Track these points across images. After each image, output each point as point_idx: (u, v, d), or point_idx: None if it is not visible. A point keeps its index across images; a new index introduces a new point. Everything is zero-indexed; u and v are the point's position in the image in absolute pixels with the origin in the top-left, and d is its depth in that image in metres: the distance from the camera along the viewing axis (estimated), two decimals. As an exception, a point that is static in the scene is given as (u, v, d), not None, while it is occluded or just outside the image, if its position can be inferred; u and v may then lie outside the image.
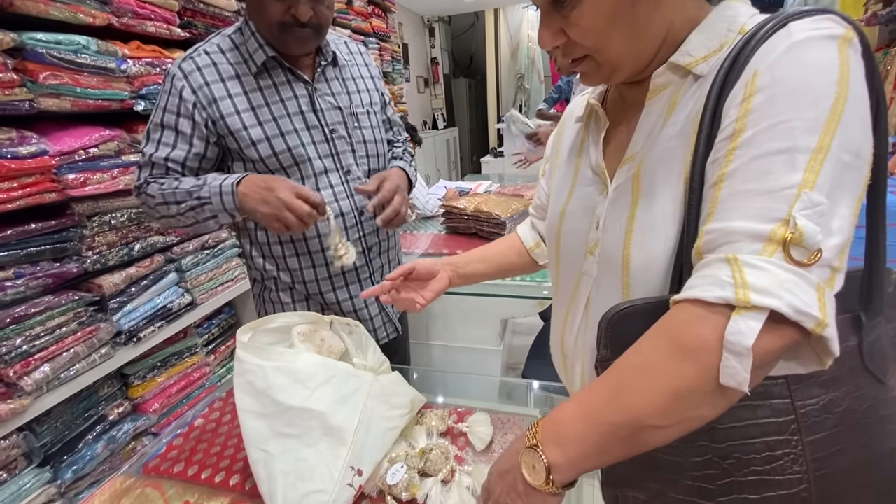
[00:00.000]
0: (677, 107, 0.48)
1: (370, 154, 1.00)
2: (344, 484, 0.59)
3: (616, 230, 0.52)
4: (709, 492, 0.45)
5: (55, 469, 1.22)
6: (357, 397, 0.65)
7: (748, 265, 0.36)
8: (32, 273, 1.15)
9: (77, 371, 1.23)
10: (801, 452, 0.43)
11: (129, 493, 0.69)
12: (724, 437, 0.44)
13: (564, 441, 0.43)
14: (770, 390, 0.43)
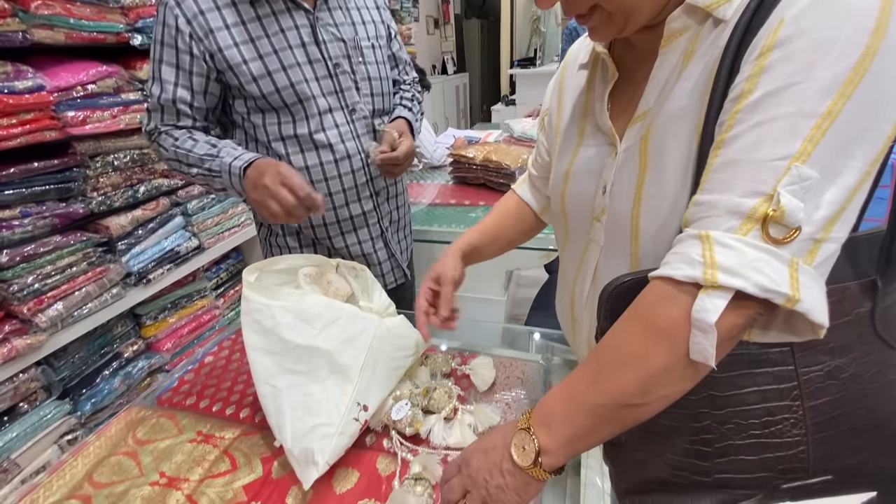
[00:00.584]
0: (694, 57, 0.42)
1: (375, 93, 0.96)
2: (350, 418, 0.61)
3: (624, 197, 0.49)
4: (705, 454, 0.45)
5: (75, 401, 1.28)
6: (363, 338, 0.65)
7: (719, 244, 0.36)
8: (39, 212, 1.15)
9: (90, 310, 1.26)
10: (801, 417, 0.43)
11: (144, 422, 0.72)
12: (724, 404, 0.44)
13: (553, 424, 0.44)
14: (772, 357, 0.43)
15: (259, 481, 0.61)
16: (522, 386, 0.75)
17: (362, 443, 0.66)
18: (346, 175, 0.92)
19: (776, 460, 0.43)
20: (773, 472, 0.44)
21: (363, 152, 0.93)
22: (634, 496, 0.51)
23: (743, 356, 0.43)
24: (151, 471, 0.64)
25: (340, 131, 0.90)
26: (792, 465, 0.43)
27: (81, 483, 0.62)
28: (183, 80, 0.82)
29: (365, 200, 0.96)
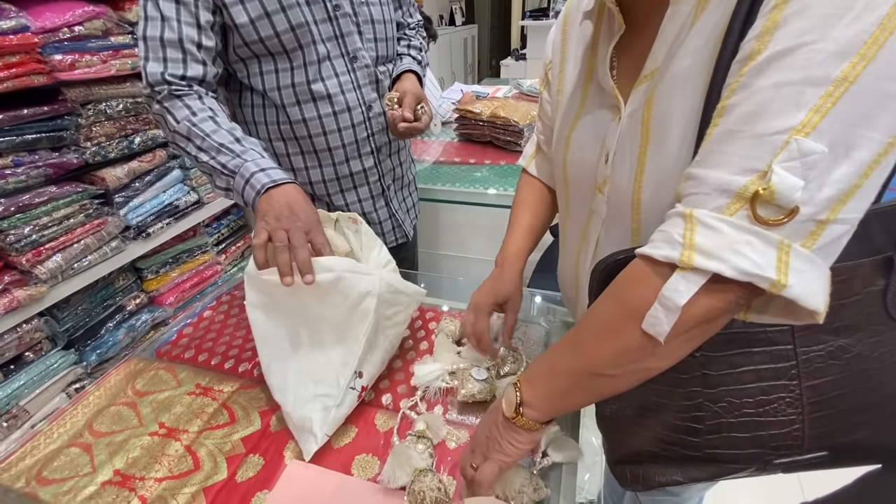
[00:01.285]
0: (707, 7, 0.38)
1: (378, 37, 0.89)
2: (348, 388, 0.61)
3: (626, 168, 0.46)
4: (696, 430, 0.45)
5: (80, 352, 1.29)
6: (366, 303, 0.62)
7: (702, 224, 0.34)
8: (32, 162, 1.12)
9: (90, 262, 1.25)
10: (797, 396, 0.42)
11: (143, 373, 0.72)
12: (718, 382, 0.43)
13: (535, 382, 0.46)
14: (771, 336, 0.41)
15: (257, 434, 0.61)
16: (524, 346, 0.74)
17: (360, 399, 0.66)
18: (345, 129, 0.87)
19: (769, 438, 0.43)
20: (766, 448, 0.43)
21: (364, 105, 0.88)
22: (625, 466, 0.52)
23: (740, 335, 0.41)
24: (151, 421, 0.64)
25: (340, 81, 0.84)
26: (785, 443, 0.43)
27: (82, 431, 0.63)
28: (187, 17, 0.72)
29: (365, 157, 0.92)
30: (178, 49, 0.72)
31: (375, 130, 0.91)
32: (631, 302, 0.38)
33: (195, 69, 0.74)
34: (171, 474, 0.56)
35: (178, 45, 0.72)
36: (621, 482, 0.52)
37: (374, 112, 0.90)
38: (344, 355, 0.62)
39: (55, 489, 0.55)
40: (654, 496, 0.76)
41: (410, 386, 0.67)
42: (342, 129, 0.87)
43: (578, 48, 0.53)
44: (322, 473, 0.56)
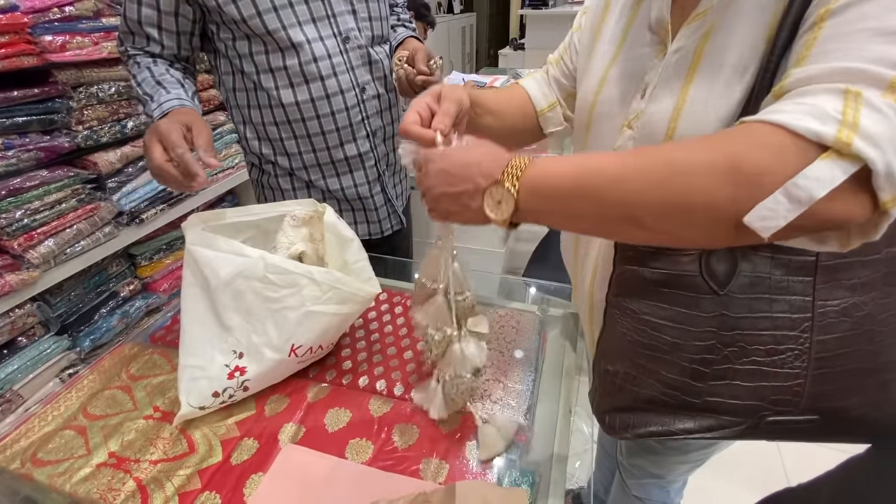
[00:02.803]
0: None
1: (373, 16, 0.87)
2: (222, 364, 0.60)
3: (666, 100, 0.45)
4: (702, 374, 0.44)
5: (74, 338, 1.29)
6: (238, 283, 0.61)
7: (869, 105, 0.29)
8: (23, 145, 1.11)
9: (83, 248, 1.24)
10: (806, 350, 0.42)
11: (137, 358, 0.72)
12: (734, 325, 0.42)
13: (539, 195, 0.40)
14: (793, 286, 0.41)
15: (252, 418, 0.62)
16: (517, 335, 0.75)
17: (355, 384, 0.66)
18: (339, 113, 0.86)
19: (771, 390, 0.43)
20: (765, 402, 0.44)
21: (358, 87, 0.87)
22: (615, 414, 0.50)
23: (765, 280, 0.42)
24: (146, 405, 0.64)
25: (333, 62, 0.83)
26: (784, 398, 0.43)
27: (76, 414, 0.63)
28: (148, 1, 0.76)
29: (361, 141, 0.91)
30: (139, 30, 0.78)
31: (370, 113, 0.91)
32: (745, 165, 0.31)
33: (153, 47, 0.80)
34: (165, 457, 0.57)
35: (139, 26, 0.78)
36: (609, 430, 0.51)
37: (367, 94, 0.89)
38: (218, 332, 0.62)
39: (50, 470, 0.55)
40: (640, 479, 0.77)
41: (405, 372, 0.68)
42: (335, 113, 0.86)
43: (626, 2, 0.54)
44: (316, 457, 0.56)
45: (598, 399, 0.53)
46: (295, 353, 0.62)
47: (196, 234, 0.63)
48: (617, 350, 0.49)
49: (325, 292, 0.61)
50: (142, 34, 0.78)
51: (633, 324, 0.47)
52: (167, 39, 0.80)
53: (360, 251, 0.69)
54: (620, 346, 0.48)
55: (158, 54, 0.81)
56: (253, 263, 0.60)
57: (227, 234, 0.70)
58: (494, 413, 0.61)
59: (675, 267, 0.44)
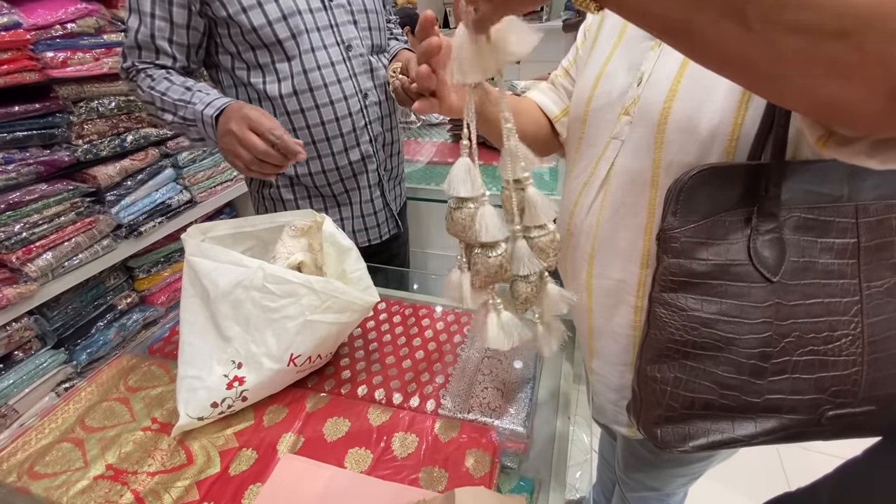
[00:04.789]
0: None
1: (372, 26, 0.91)
2: (221, 375, 0.61)
3: (662, 83, 0.47)
4: (761, 370, 0.43)
5: (70, 351, 1.28)
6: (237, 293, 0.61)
7: None
8: (23, 159, 1.11)
9: (81, 261, 1.25)
10: (859, 334, 0.42)
11: (135, 370, 0.72)
12: (788, 314, 0.42)
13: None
14: (842, 269, 0.42)
15: (250, 428, 0.62)
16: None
17: (354, 393, 0.66)
18: (343, 119, 0.89)
19: (831, 380, 0.43)
20: (826, 394, 0.43)
21: (360, 93, 0.90)
22: (667, 426, 0.47)
23: (814, 264, 0.42)
24: (143, 417, 0.64)
25: (336, 70, 0.86)
26: (845, 388, 0.43)
27: (73, 427, 0.63)
28: (161, 11, 0.76)
29: (364, 146, 0.93)
30: (149, 44, 0.79)
31: (372, 119, 0.93)
32: None
33: (164, 60, 0.81)
34: (163, 468, 0.56)
35: (150, 40, 0.78)
36: (662, 445, 0.47)
37: (370, 101, 0.92)
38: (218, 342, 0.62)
39: (47, 483, 0.55)
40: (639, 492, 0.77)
41: (404, 381, 0.68)
42: (340, 119, 0.89)
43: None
44: (315, 467, 0.56)
45: (643, 411, 0.50)
46: (294, 362, 0.62)
47: (195, 245, 0.63)
48: (665, 353, 0.46)
49: (324, 301, 0.61)
50: (152, 48, 0.79)
51: (682, 322, 0.44)
52: (178, 52, 0.81)
53: (359, 260, 0.69)
54: (669, 348, 0.46)
55: (170, 66, 0.81)
56: (252, 273, 0.61)
57: (227, 244, 0.70)
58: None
59: (725, 256, 0.43)
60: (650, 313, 0.48)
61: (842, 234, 0.42)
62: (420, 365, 0.71)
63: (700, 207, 0.42)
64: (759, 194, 0.42)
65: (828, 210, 0.42)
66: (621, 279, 0.56)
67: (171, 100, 0.77)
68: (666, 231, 0.44)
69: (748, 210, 0.43)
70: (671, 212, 0.44)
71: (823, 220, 0.42)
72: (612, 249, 0.55)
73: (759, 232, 0.41)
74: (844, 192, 0.42)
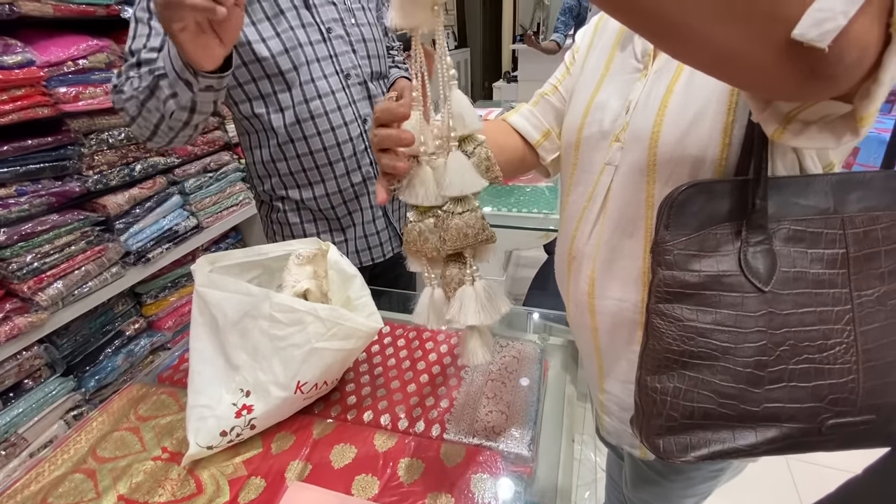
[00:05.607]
0: None
1: (371, 55, 0.95)
2: (229, 403, 0.62)
3: (649, 109, 0.50)
4: (758, 379, 0.44)
5: (79, 378, 1.30)
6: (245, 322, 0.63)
7: None
8: (35, 191, 1.15)
9: (90, 288, 1.27)
10: (852, 342, 0.43)
11: (145, 399, 0.73)
12: (782, 323, 0.43)
13: None
14: (832, 279, 0.43)
15: (259, 456, 0.62)
16: (519, 365, 0.76)
17: (360, 419, 0.67)
18: (344, 143, 0.92)
19: (828, 388, 0.43)
20: (824, 402, 0.43)
21: (360, 118, 0.93)
22: (669, 437, 0.48)
23: (805, 274, 0.43)
24: (154, 446, 0.65)
25: (336, 98, 0.90)
26: (842, 396, 0.43)
27: (85, 458, 0.64)
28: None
29: (365, 168, 0.97)
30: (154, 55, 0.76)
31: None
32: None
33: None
34: (174, 498, 0.57)
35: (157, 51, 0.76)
36: (665, 455, 0.48)
37: (369, 125, 0.96)
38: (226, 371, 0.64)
39: (60, 516, 0.56)
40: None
41: (409, 405, 0.69)
42: (341, 144, 0.92)
43: (611, 31, 0.60)
44: (323, 494, 0.57)
45: (644, 423, 0.50)
46: (301, 389, 0.63)
47: (204, 275, 0.65)
48: (664, 364, 0.47)
49: (330, 329, 0.63)
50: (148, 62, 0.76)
51: (679, 332, 0.45)
52: None
53: (363, 287, 0.71)
54: (667, 358, 0.46)
55: None
56: (259, 302, 0.62)
57: (235, 273, 0.72)
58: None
59: (717, 267, 0.44)
60: (648, 324, 0.48)
61: (830, 244, 0.43)
62: (425, 389, 0.72)
63: (691, 221, 0.44)
64: (746, 208, 0.44)
65: (815, 222, 0.44)
66: (622, 298, 0.57)
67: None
68: (659, 244, 0.46)
69: (738, 223, 0.44)
70: (664, 225, 0.45)
71: (812, 231, 0.44)
72: (613, 270, 0.57)
73: (749, 243, 0.42)
74: (830, 204, 0.44)
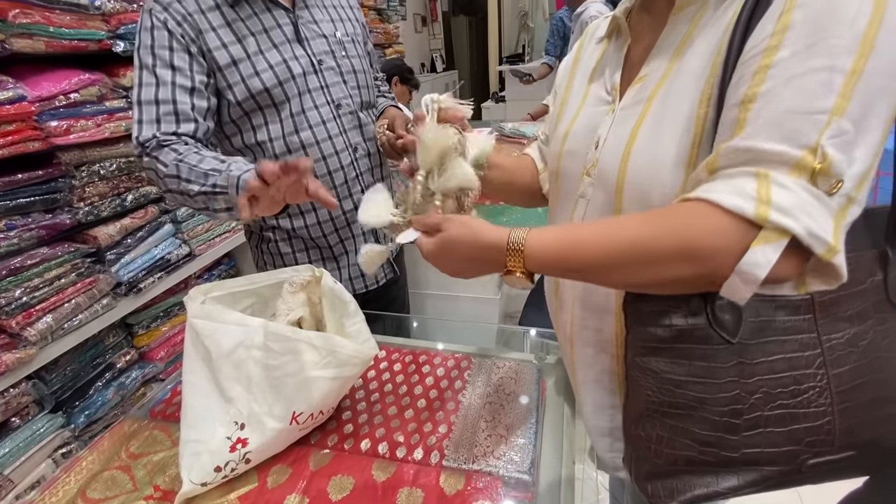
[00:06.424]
0: (700, 23, 0.47)
1: (360, 85, 0.97)
2: (224, 437, 0.60)
3: (615, 150, 0.52)
4: (735, 426, 0.44)
5: (68, 414, 1.26)
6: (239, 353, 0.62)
7: (776, 183, 0.37)
8: (25, 225, 1.14)
9: (80, 321, 1.25)
10: (825, 385, 0.43)
11: (137, 435, 0.72)
12: (753, 372, 0.43)
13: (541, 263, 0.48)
14: (798, 325, 0.43)
15: (254, 491, 0.61)
16: (516, 386, 0.76)
17: (357, 448, 0.66)
18: (335, 172, 0.94)
19: (804, 432, 0.44)
20: (801, 445, 0.44)
21: (350, 147, 0.94)
22: (656, 481, 0.49)
23: (772, 323, 0.44)
24: (146, 485, 0.63)
25: (327, 127, 0.91)
26: (819, 438, 0.44)
27: (74, 499, 0.62)
28: (181, 80, 0.78)
29: (356, 195, 0.98)
30: (170, 108, 0.78)
31: (363, 170, 0.98)
32: (698, 248, 0.39)
33: (186, 126, 0.79)
34: (167, 539, 0.56)
35: (171, 104, 0.78)
36: (654, 499, 0.49)
37: (359, 154, 0.97)
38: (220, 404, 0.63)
39: (47, 562, 0.54)
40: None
41: (407, 432, 0.68)
42: (332, 172, 0.93)
43: (587, 65, 0.63)
44: (321, 529, 0.55)
45: (634, 466, 0.52)
46: (296, 420, 0.62)
47: (197, 306, 0.65)
48: (646, 413, 0.49)
49: (324, 357, 0.62)
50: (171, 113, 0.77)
51: (656, 384, 0.47)
52: (199, 115, 0.80)
53: (357, 313, 0.70)
54: (648, 408, 0.48)
55: (193, 133, 0.79)
56: (253, 332, 0.62)
57: (228, 303, 0.72)
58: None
59: (686, 322, 0.45)
60: (628, 376, 0.51)
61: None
62: (422, 414, 0.71)
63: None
64: None
65: None
66: (599, 329, 0.59)
67: (201, 170, 0.72)
68: (629, 303, 0.48)
69: None
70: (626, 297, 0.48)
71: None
72: (590, 302, 0.59)
73: (715, 296, 0.43)
74: None
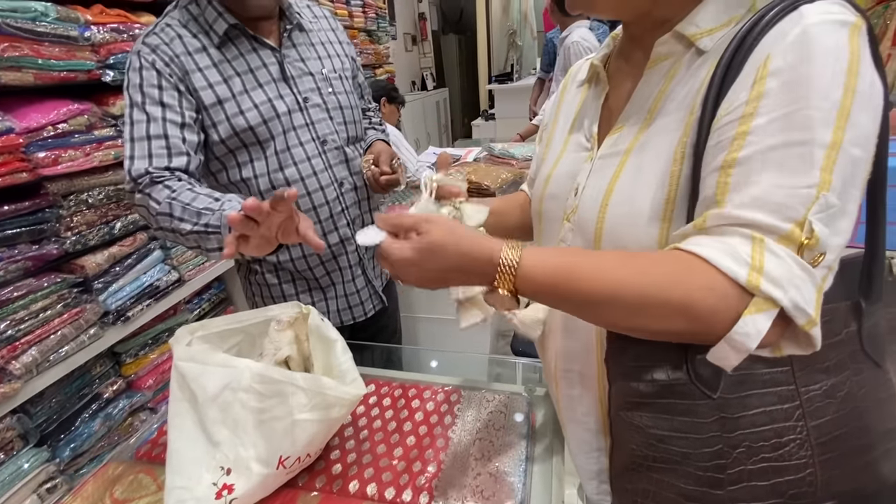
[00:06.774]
0: (674, 80, 0.48)
1: (347, 121, 0.98)
2: (209, 483, 0.59)
3: (594, 198, 0.52)
4: (719, 481, 0.45)
5: (53, 448, 1.24)
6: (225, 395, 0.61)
7: (769, 251, 0.37)
8: (11, 257, 1.12)
9: (66, 353, 1.23)
10: (805, 437, 0.44)
11: (121, 479, 0.70)
12: (734, 426, 0.44)
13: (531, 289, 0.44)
14: (776, 377, 0.44)
15: (241, 538, 0.60)
16: (506, 420, 0.76)
17: (346, 490, 0.65)
18: (321, 207, 0.94)
19: (786, 485, 0.44)
20: (784, 497, 0.44)
21: (336, 182, 0.95)
22: None
23: (751, 376, 0.44)
24: (129, 532, 0.62)
25: (312, 164, 0.91)
26: (801, 490, 0.44)
27: (56, 550, 0.60)
28: (172, 115, 0.79)
29: (342, 229, 0.98)
30: (162, 143, 0.78)
31: (349, 204, 0.98)
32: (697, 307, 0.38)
33: (179, 160, 0.80)
34: (150, 593, 0.54)
35: (163, 139, 0.79)
36: None
37: (345, 188, 0.97)
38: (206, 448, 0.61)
39: None
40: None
41: (396, 472, 0.67)
42: (317, 207, 0.93)
43: (570, 109, 0.63)
44: (308, 578, 0.55)
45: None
46: (283, 464, 0.61)
47: (183, 349, 0.64)
48: (631, 466, 0.49)
49: (312, 399, 0.62)
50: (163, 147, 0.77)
51: (641, 438, 0.47)
52: (190, 149, 0.80)
53: (345, 351, 0.70)
54: (633, 461, 0.49)
55: (185, 167, 0.80)
56: (239, 374, 0.61)
57: (215, 342, 0.71)
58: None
59: (667, 377, 0.45)
60: (612, 430, 0.51)
61: None
62: (411, 453, 0.71)
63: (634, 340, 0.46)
64: None
65: None
66: (581, 371, 0.59)
67: (195, 208, 0.72)
68: (611, 357, 0.49)
69: None
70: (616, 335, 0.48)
71: None
72: (572, 344, 0.60)
73: (695, 351, 0.43)
74: None
